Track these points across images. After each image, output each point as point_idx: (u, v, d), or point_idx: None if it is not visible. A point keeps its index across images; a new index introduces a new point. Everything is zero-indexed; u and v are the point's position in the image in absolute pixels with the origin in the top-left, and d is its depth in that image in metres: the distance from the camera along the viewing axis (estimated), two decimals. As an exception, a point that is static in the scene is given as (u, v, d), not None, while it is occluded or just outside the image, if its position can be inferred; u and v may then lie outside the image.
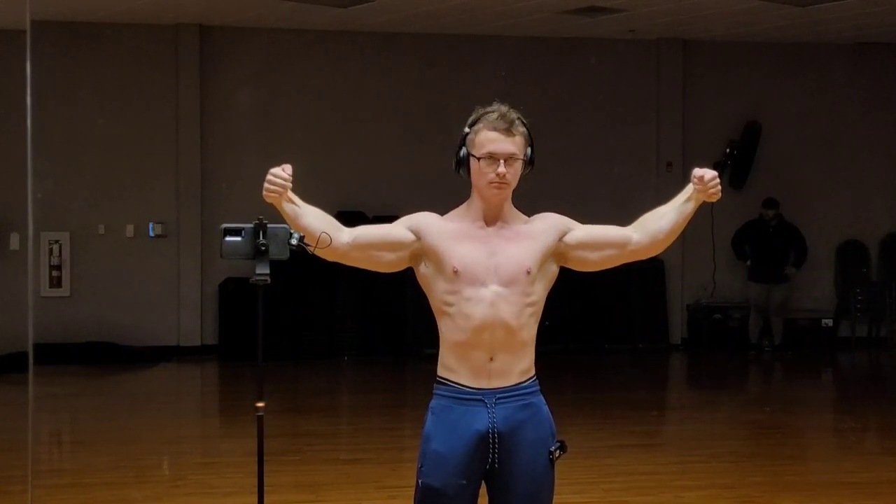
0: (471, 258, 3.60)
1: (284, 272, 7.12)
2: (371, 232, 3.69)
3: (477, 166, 3.64)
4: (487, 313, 3.58)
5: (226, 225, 5.18)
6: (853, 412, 10.93)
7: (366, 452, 8.53)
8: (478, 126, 3.67)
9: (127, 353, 13.25)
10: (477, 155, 3.64)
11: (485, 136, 3.64)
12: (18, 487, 6.90)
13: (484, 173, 3.63)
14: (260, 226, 5.11)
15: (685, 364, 14.19)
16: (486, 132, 3.64)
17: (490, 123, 3.65)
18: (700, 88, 14.87)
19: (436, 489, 3.58)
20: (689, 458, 8.55)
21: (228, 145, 13.90)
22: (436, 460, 3.58)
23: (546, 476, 3.64)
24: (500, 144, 3.63)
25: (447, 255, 3.62)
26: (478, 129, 3.67)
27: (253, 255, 5.08)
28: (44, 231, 13.26)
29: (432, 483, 3.58)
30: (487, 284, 3.61)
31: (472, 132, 3.68)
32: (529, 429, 3.60)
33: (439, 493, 3.58)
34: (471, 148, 3.67)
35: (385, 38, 14.10)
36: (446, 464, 3.57)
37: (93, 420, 10.21)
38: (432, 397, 3.67)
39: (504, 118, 3.66)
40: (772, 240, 14.36)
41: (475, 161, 3.64)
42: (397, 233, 3.66)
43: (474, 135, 3.67)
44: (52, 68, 12.97)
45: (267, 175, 3.57)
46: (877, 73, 15.06)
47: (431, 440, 3.61)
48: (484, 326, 3.58)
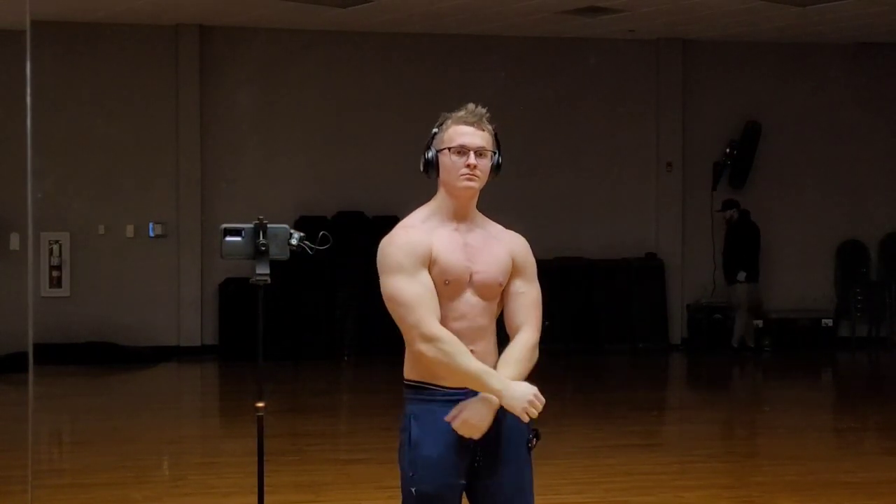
0: (455, 269, 3.62)
1: (284, 272, 7.11)
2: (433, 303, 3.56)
3: (448, 161, 3.66)
4: (467, 322, 3.63)
5: (226, 225, 5.19)
6: (853, 412, 10.94)
7: (366, 452, 8.52)
8: (447, 124, 3.71)
9: (127, 353, 13.25)
10: (448, 146, 3.66)
11: (454, 131, 3.68)
12: (18, 487, 6.90)
13: (455, 166, 3.64)
14: (260, 226, 5.12)
15: (685, 364, 14.19)
16: (456, 126, 3.68)
17: (459, 118, 3.70)
18: (700, 88, 14.87)
19: (432, 495, 3.59)
20: (689, 458, 8.54)
21: (228, 145, 13.90)
22: (428, 465, 3.59)
23: (527, 465, 3.71)
24: (470, 137, 3.66)
25: (445, 267, 3.62)
26: (447, 126, 3.70)
27: (253, 255, 5.09)
28: (44, 231, 13.27)
29: (427, 490, 3.58)
30: (466, 291, 3.65)
31: (441, 130, 3.71)
32: (508, 421, 3.62)
33: (435, 499, 3.60)
34: (440, 144, 3.69)
35: (385, 38, 14.10)
36: (439, 467, 3.59)
37: (93, 420, 10.21)
38: (407, 402, 3.67)
39: (473, 113, 3.72)
40: (736, 240, 14.31)
41: (446, 155, 3.66)
42: (425, 277, 3.57)
43: (443, 132, 3.70)
44: (52, 68, 12.97)
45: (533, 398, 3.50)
46: (876, 73, 15.06)
47: (421, 446, 3.60)
48: (461, 334, 3.60)
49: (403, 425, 3.65)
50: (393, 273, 3.56)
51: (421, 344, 3.52)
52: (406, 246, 3.59)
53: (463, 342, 3.57)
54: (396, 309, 3.56)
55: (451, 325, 3.58)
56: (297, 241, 5.09)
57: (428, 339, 3.51)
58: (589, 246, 14.41)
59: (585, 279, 14.25)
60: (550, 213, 13.71)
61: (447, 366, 3.51)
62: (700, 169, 14.74)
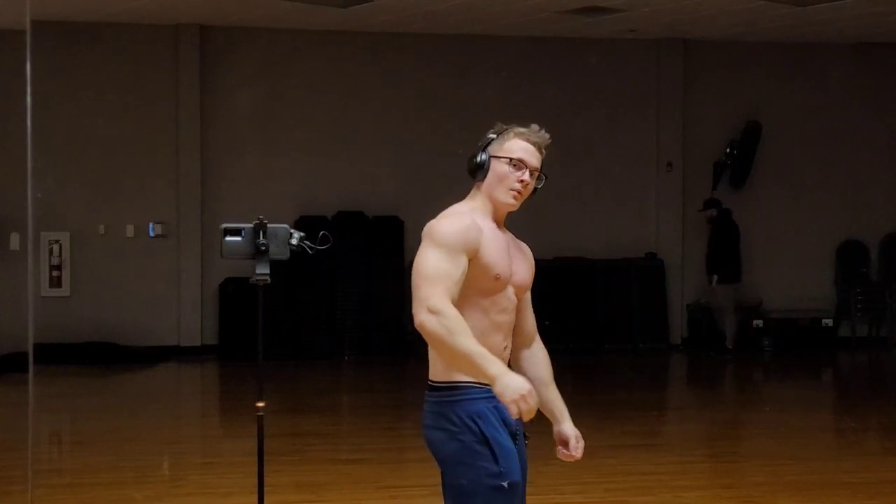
0: (502, 266, 3.67)
1: (284, 272, 7.11)
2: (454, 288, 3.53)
3: (502, 169, 3.68)
4: (508, 316, 3.71)
5: (226, 225, 5.19)
6: (853, 412, 10.94)
7: (366, 452, 8.52)
8: (508, 134, 3.72)
9: (127, 353, 13.25)
10: (507, 156, 3.68)
11: (517, 143, 3.70)
12: (18, 487, 6.90)
13: (508, 177, 3.67)
14: (260, 226, 5.13)
15: (685, 364, 14.18)
16: (520, 141, 3.70)
17: (525, 134, 3.72)
18: (700, 88, 14.87)
19: (519, 483, 3.65)
20: (689, 458, 8.55)
21: (228, 145, 13.90)
22: (511, 457, 3.61)
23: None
24: (530, 155, 3.70)
25: (493, 262, 3.64)
26: (508, 136, 3.72)
27: (253, 254, 5.09)
28: (44, 231, 13.27)
29: (516, 478, 3.62)
30: (508, 288, 3.72)
31: (500, 138, 3.72)
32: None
33: (519, 486, 3.65)
34: (496, 151, 3.70)
35: (385, 38, 14.10)
36: (515, 457, 3.64)
37: (93, 420, 10.21)
38: (458, 405, 3.61)
39: (538, 134, 3.74)
40: (717, 239, 14.27)
41: (501, 163, 3.68)
42: (462, 263, 3.56)
43: (503, 141, 3.71)
44: (52, 68, 12.97)
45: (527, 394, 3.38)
46: (877, 72, 15.07)
47: (498, 441, 3.60)
48: (501, 327, 3.68)
49: (460, 427, 3.59)
50: (434, 246, 3.54)
51: (424, 315, 3.43)
52: (461, 228, 3.58)
53: (502, 336, 3.66)
54: (416, 278, 3.52)
55: (495, 318, 3.63)
56: (297, 240, 5.10)
57: (433, 311, 3.43)
58: (589, 246, 14.42)
59: (585, 279, 14.25)
60: (551, 213, 13.70)
61: (444, 341, 3.42)
62: (700, 169, 14.75)
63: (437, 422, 3.64)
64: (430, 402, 3.67)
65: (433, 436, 3.66)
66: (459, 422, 3.60)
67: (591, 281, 14.29)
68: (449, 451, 3.61)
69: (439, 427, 3.63)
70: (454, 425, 3.60)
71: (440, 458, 3.65)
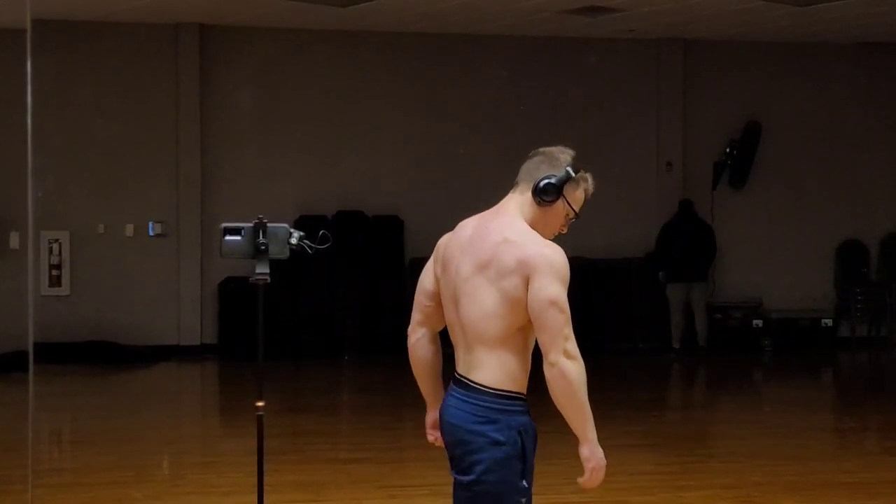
0: None
1: (284, 272, 7.10)
2: None
3: (562, 211, 3.83)
4: None
5: (226, 224, 5.19)
6: (853, 412, 10.94)
7: (366, 452, 8.52)
8: (583, 182, 3.86)
9: (127, 352, 13.24)
10: (574, 207, 3.83)
11: (582, 196, 3.86)
12: (18, 487, 6.89)
13: (563, 221, 3.85)
14: (260, 225, 5.12)
15: (685, 364, 14.17)
16: (583, 194, 3.86)
17: (589, 188, 3.87)
18: (700, 88, 14.87)
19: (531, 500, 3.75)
20: (689, 458, 8.55)
21: (228, 145, 13.90)
22: (532, 474, 3.72)
23: None
24: (582, 208, 3.86)
25: None
26: (581, 184, 3.85)
27: (253, 254, 5.08)
28: (44, 230, 13.26)
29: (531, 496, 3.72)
30: None
31: (576, 181, 3.83)
32: None
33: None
34: (569, 194, 3.82)
35: (385, 38, 14.10)
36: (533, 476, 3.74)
37: (93, 420, 10.21)
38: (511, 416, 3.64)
39: (593, 187, 3.88)
40: (686, 238, 14.26)
41: (564, 206, 3.82)
42: None
43: (576, 186, 3.83)
44: (52, 68, 12.97)
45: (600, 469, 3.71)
46: (877, 73, 15.07)
47: (531, 457, 3.69)
48: None
49: (507, 439, 3.62)
50: (562, 282, 3.71)
51: (566, 359, 3.58)
52: (567, 265, 3.75)
53: None
54: (558, 316, 3.66)
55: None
56: (296, 240, 5.09)
57: (575, 357, 3.61)
58: (589, 246, 14.40)
59: (585, 279, 14.24)
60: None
61: (574, 392, 3.57)
62: (700, 169, 14.74)
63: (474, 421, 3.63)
64: (470, 402, 3.65)
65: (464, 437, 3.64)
66: (509, 432, 3.63)
67: (591, 281, 14.28)
68: (486, 456, 3.61)
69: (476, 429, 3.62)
70: (503, 434, 3.62)
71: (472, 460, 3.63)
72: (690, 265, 14.22)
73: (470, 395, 3.67)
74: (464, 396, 3.68)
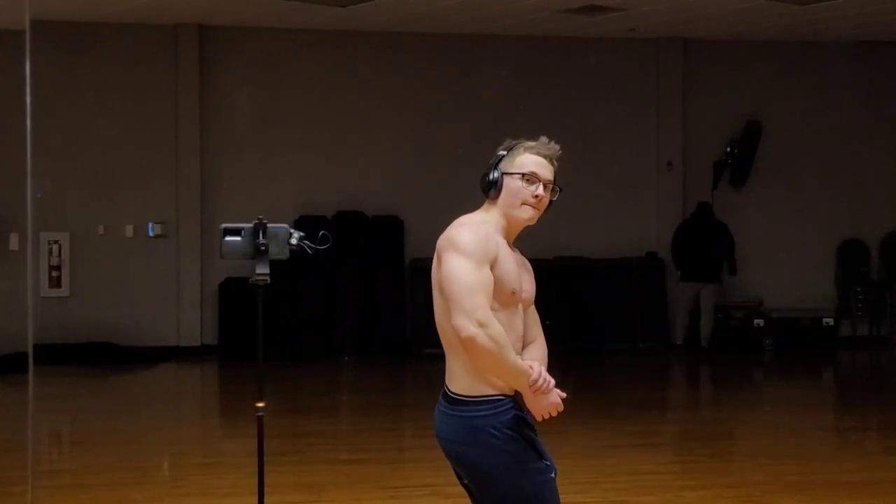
0: (514, 282, 3.70)
1: (284, 272, 7.09)
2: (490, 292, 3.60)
3: (515, 185, 3.71)
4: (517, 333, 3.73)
5: (226, 225, 5.19)
6: (854, 411, 10.94)
7: (366, 452, 8.52)
8: (518, 150, 3.75)
9: (127, 353, 13.24)
10: (519, 172, 3.71)
11: (528, 158, 3.74)
12: (18, 487, 6.89)
13: (522, 192, 3.71)
14: (260, 226, 5.12)
15: (685, 364, 14.17)
16: (530, 155, 3.74)
17: (535, 148, 3.76)
18: (700, 88, 14.87)
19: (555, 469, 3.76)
20: (689, 458, 8.55)
21: (228, 145, 13.90)
22: (545, 449, 3.72)
23: None
24: (542, 169, 3.74)
25: (508, 277, 3.68)
26: (518, 152, 3.75)
27: (253, 254, 5.08)
28: (43, 231, 13.26)
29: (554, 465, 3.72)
30: (518, 305, 3.75)
31: (511, 154, 3.75)
32: None
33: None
34: (507, 168, 3.73)
35: (385, 38, 14.10)
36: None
37: (93, 421, 10.20)
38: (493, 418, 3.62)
39: (548, 147, 3.77)
40: (700, 239, 14.27)
41: (513, 179, 3.71)
42: (489, 274, 3.60)
43: (513, 156, 3.74)
44: (52, 68, 12.97)
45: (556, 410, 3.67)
46: (877, 72, 15.07)
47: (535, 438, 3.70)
48: (514, 343, 3.69)
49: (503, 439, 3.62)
50: (463, 255, 3.57)
51: (475, 328, 3.50)
52: (483, 238, 3.61)
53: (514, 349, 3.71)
54: (456, 289, 3.54)
55: (508, 332, 3.64)
56: (296, 240, 5.09)
57: (483, 325, 3.51)
58: (589, 246, 14.41)
59: (585, 279, 14.24)
60: (550, 213, 13.58)
61: (494, 356, 3.53)
62: (700, 169, 14.74)
63: (466, 437, 3.63)
64: (454, 415, 3.66)
65: (463, 451, 3.65)
66: (501, 434, 3.62)
67: (591, 281, 14.28)
68: (495, 463, 3.62)
69: (471, 443, 3.63)
70: (496, 438, 3.61)
71: (483, 471, 3.65)
72: (702, 266, 14.24)
73: (451, 408, 3.67)
74: (448, 409, 3.69)
